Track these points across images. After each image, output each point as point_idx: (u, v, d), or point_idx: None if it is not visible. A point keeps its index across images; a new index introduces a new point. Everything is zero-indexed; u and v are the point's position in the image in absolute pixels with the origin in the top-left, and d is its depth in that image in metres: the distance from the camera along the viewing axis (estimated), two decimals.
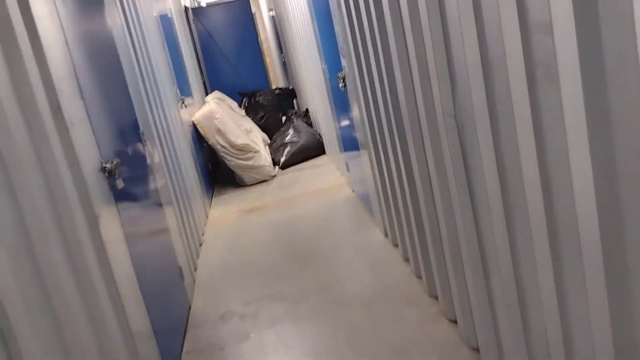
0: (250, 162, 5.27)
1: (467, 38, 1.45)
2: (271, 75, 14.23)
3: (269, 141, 6.53)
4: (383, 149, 2.89)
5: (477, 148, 1.57)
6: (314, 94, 5.56)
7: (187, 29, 6.91)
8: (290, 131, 6.05)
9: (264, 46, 14.19)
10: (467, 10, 1.41)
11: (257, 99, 7.38)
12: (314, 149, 5.91)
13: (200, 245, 3.98)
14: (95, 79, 2.24)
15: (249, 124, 6.35)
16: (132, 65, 2.99)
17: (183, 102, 4.60)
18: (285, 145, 5.90)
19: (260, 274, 3.30)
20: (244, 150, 5.24)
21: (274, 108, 7.38)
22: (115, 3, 2.94)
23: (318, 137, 5.98)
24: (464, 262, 2.02)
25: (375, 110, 2.84)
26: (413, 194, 2.48)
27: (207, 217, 4.64)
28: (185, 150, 4.23)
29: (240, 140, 5.22)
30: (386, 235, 3.37)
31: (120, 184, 2.10)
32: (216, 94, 6.28)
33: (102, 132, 2.13)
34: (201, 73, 7.63)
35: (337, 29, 3.39)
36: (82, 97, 1.96)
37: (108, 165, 2.03)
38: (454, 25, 1.55)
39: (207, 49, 8.21)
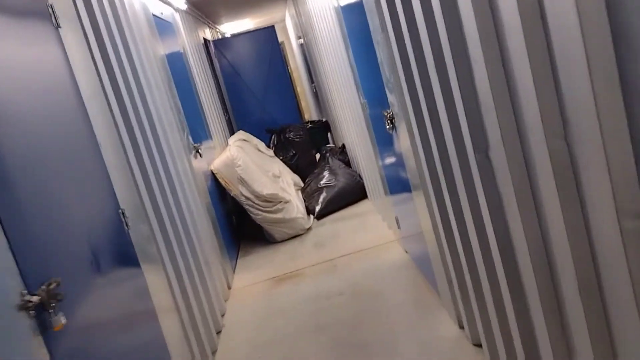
0: (279, 215, 4.49)
1: None
2: (303, 105, 13.61)
3: (301, 184, 5.76)
4: (450, 191, 2.04)
5: None
6: (351, 129, 4.78)
7: (207, 65, 6.29)
8: (326, 173, 5.26)
9: (294, 75, 13.63)
10: None
11: (287, 136, 6.66)
12: (354, 193, 5.10)
13: (219, 333, 3.18)
14: (24, 151, 1.50)
15: (277, 166, 5.60)
16: (112, 122, 2.27)
17: (197, 151, 3.89)
18: (320, 190, 5.10)
19: None
20: (272, 201, 4.48)
21: (306, 145, 6.64)
22: (86, 37, 2.23)
23: (358, 178, 5.16)
24: None
25: (437, 142, 2.02)
26: (509, 262, 1.63)
27: (229, 287, 3.85)
28: (199, 210, 3.49)
29: (267, 189, 4.46)
30: (461, 325, 2.50)
31: (59, 321, 1.33)
32: (240, 134, 5.57)
33: (32, 240, 1.37)
34: (225, 111, 6.99)
35: (381, 56, 2.60)
36: None
37: (35, 297, 1.27)
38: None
39: (231, 84, 7.59)
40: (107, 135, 2.15)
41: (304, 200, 5.21)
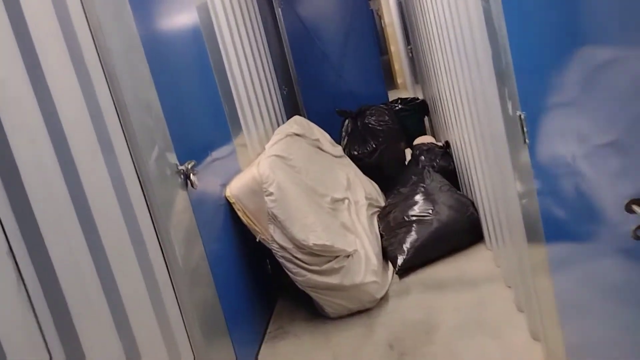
0: (335, 279, 2.67)
1: None
2: (396, 67, 11.37)
3: (380, 200, 3.86)
4: None
5: None
6: (468, 126, 2.82)
7: (259, 20, 4.46)
8: (418, 198, 3.30)
9: (388, 31, 11.33)
10: None
11: (365, 121, 4.73)
12: (462, 234, 3.13)
13: None
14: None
15: (345, 173, 3.73)
16: None
17: (188, 177, 2.14)
18: (408, 225, 3.18)
19: None
20: (324, 255, 2.66)
21: (392, 135, 4.68)
22: None
23: (471, 209, 3.18)
24: None
25: None
26: None
27: None
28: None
29: (315, 236, 2.62)
30: None
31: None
32: (292, 124, 3.74)
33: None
34: (285, 84, 5.17)
35: None
36: None
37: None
38: None
39: (299, 45, 5.71)
40: None
41: (381, 235, 3.33)
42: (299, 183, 2.87)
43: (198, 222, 2.23)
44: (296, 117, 3.99)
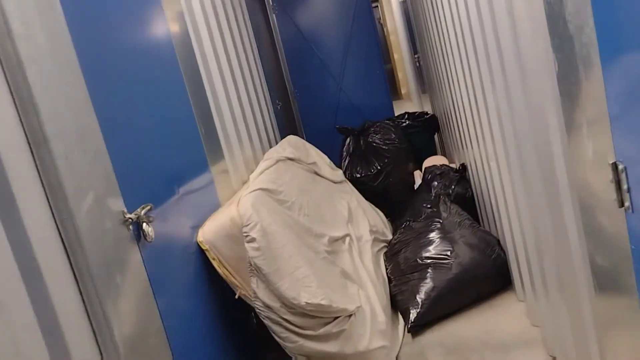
0: (334, 347, 2.13)
1: None
2: (400, 76, 10.86)
3: (387, 234, 3.34)
4: None
5: None
6: (491, 151, 2.33)
7: (248, 28, 3.96)
8: (434, 235, 2.77)
9: (391, 39, 10.84)
10: None
11: (369, 140, 4.22)
12: (486, 280, 2.61)
13: None
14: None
15: (346, 202, 3.22)
16: None
17: (140, 225, 1.63)
18: (421, 269, 2.65)
19: None
20: (320, 316, 2.13)
21: (399, 155, 4.17)
22: None
23: (497, 249, 2.66)
24: None
25: None
26: None
27: None
28: None
29: (307, 293, 2.09)
30: None
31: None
32: (284, 147, 3.22)
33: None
34: (278, 98, 4.67)
35: None
36: None
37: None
38: None
39: (296, 55, 5.21)
40: None
41: (389, 279, 2.80)
42: (290, 223, 2.34)
43: (157, 280, 1.72)
44: (290, 138, 3.48)
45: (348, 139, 4.30)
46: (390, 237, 3.32)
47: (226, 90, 3.03)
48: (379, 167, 4.09)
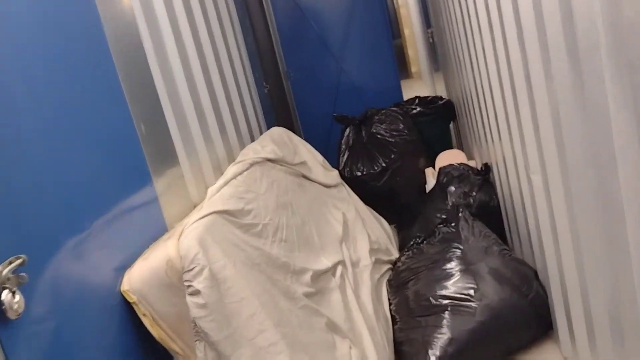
0: None
1: None
2: (410, 53, 10.05)
3: (392, 252, 2.70)
4: None
5: None
6: (533, 151, 1.67)
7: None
8: (452, 265, 2.11)
9: (401, 12, 9.98)
10: None
11: (373, 130, 3.56)
12: (521, 327, 1.97)
13: None
14: None
15: (341, 213, 2.58)
16: None
17: None
18: (435, 311, 2.01)
19: None
20: None
21: (409, 149, 3.51)
22: None
23: (535, 284, 2.01)
24: None
25: None
26: None
27: None
28: None
29: None
30: None
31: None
32: (263, 143, 2.56)
33: None
34: (270, 80, 4.00)
35: None
36: None
37: None
38: None
39: (291, 32, 4.50)
40: None
41: (393, 318, 2.17)
42: (257, 260, 1.70)
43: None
44: (273, 131, 2.82)
45: (347, 130, 3.63)
46: (395, 254, 2.69)
47: (188, 70, 2.38)
48: (383, 164, 3.44)
